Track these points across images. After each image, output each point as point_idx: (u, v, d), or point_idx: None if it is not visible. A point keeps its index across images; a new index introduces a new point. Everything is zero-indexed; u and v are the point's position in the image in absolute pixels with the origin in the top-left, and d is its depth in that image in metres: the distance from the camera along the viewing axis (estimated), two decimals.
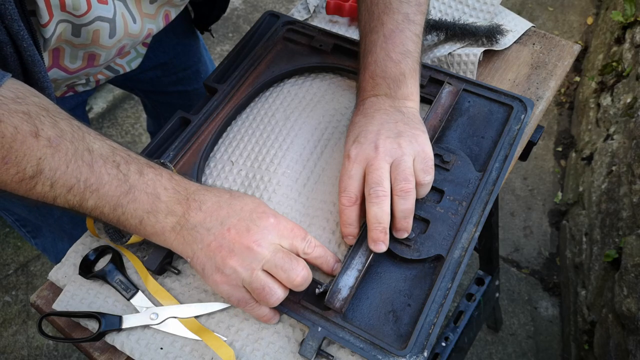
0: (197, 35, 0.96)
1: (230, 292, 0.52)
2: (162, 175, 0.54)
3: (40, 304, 0.60)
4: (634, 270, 1.18)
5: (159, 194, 0.53)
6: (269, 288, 0.51)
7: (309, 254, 0.54)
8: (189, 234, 0.52)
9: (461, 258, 0.56)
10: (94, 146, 0.51)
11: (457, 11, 0.81)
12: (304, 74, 0.76)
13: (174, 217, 0.53)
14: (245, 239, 0.51)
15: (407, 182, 0.56)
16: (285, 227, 0.53)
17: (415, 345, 0.51)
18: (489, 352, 1.53)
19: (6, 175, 0.48)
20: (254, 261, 0.51)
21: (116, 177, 0.51)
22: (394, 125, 0.60)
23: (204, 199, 0.53)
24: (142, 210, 0.52)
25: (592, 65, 2.02)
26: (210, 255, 0.52)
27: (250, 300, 0.53)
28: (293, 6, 0.89)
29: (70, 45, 0.63)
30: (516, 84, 0.75)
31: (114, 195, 0.51)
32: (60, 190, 0.50)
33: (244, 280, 0.51)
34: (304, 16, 0.84)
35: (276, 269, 0.51)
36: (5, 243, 1.76)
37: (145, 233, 0.54)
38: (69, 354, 1.55)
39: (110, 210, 0.52)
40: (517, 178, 1.90)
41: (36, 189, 0.49)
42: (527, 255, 1.72)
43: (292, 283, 0.52)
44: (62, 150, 0.49)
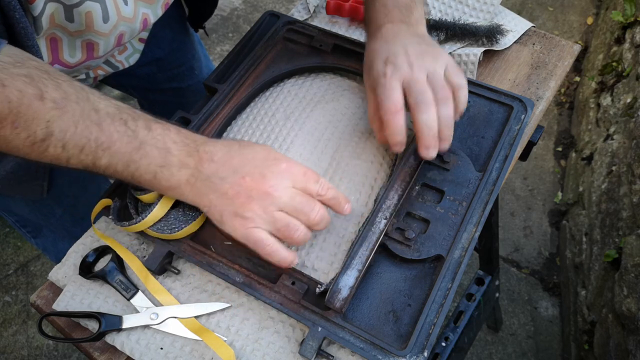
0: (191, 32, 0.96)
1: (248, 234, 0.53)
2: (169, 129, 0.55)
3: (40, 304, 0.60)
4: (634, 270, 1.18)
5: (170, 148, 0.54)
6: (292, 224, 0.53)
7: (323, 195, 0.56)
8: (204, 185, 0.54)
9: (461, 258, 0.56)
10: (99, 105, 0.52)
11: (457, 11, 0.81)
12: (304, 74, 0.76)
13: (187, 169, 0.54)
14: (262, 185, 0.53)
15: (445, 90, 0.58)
16: (299, 171, 0.55)
17: (416, 345, 0.51)
18: (489, 352, 1.53)
19: (17, 139, 0.49)
20: (272, 205, 0.53)
21: (125, 134, 0.52)
22: (418, 46, 0.61)
23: (214, 150, 0.55)
24: (154, 164, 0.53)
25: (592, 65, 2.02)
26: (228, 203, 0.53)
27: (268, 240, 0.54)
28: (293, 6, 0.89)
29: (66, 34, 0.62)
30: (516, 84, 0.75)
31: (126, 152, 0.52)
32: (73, 151, 0.51)
33: (266, 222, 0.53)
34: (304, 16, 0.84)
35: (295, 211, 0.54)
36: (5, 243, 1.76)
37: (161, 187, 0.55)
38: (69, 354, 1.55)
39: (123, 167, 0.53)
40: (517, 178, 1.90)
41: (48, 151, 0.50)
42: (527, 255, 1.72)
43: (311, 222, 0.54)
44: (69, 111, 0.49)
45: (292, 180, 0.54)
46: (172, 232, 0.57)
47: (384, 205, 0.58)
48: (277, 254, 0.54)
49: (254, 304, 0.57)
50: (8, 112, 0.47)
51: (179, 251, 0.58)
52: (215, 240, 0.59)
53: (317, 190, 0.55)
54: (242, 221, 0.53)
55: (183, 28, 0.92)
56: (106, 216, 0.63)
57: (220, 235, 0.60)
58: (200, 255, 0.58)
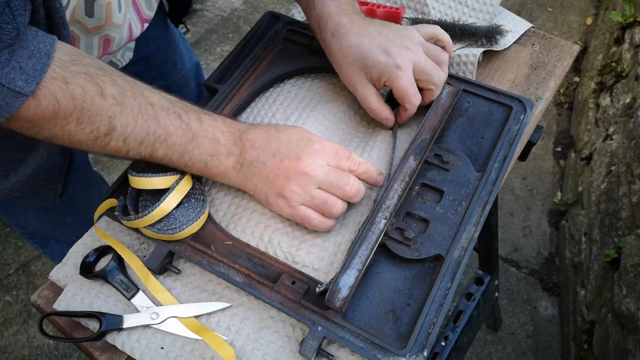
0: (172, 28, 0.96)
1: (293, 212, 0.58)
2: (217, 120, 0.59)
3: (41, 304, 0.60)
4: (633, 270, 1.18)
5: (218, 137, 0.58)
6: (330, 200, 0.57)
7: (355, 170, 0.59)
8: (248, 170, 0.58)
9: (461, 258, 0.56)
10: (153, 99, 0.55)
11: (456, 12, 0.81)
12: (304, 74, 0.76)
13: (233, 156, 0.58)
14: (298, 165, 0.57)
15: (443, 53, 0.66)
16: (331, 149, 0.59)
17: (415, 345, 0.51)
18: (488, 352, 1.53)
19: (82, 134, 0.51)
20: (310, 183, 0.57)
21: (180, 126, 0.56)
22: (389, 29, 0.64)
23: (254, 137, 0.59)
24: (206, 154, 0.57)
25: (592, 65, 2.02)
26: (270, 185, 0.58)
27: (314, 215, 0.58)
28: (293, 6, 0.89)
29: (84, 31, 0.62)
30: (515, 84, 0.75)
31: (181, 144, 0.56)
32: (133, 144, 0.54)
33: (305, 200, 0.57)
34: (304, 17, 0.85)
35: (331, 187, 0.57)
36: (6, 243, 1.76)
37: (211, 174, 0.59)
38: (70, 354, 1.55)
39: (178, 158, 0.57)
40: (517, 178, 1.90)
41: (110, 145, 0.53)
42: (527, 255, 1.72)
43: (347, 195, 0.58)
44: (128, 106, 0.53)
45: (326, 158, 0.58)
46: (173, 232, 0.57)
47: (384, 205, 0.58)
48: (323, 226, 0.59)
49: (254, 303, 0.57)
50: (73, 108, 0.49)
51: (180, 251, 0.58)
52: (216, 240, 0.60)
53: (349, 166, 0.59)
54: (285, 201, 0.58)
55: (165, 24, 0.93)
56: (107, 216, 0.63)
57: (221, 235, 0.60)
58: (201, 255, 0.58)
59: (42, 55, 0.48)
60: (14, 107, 0.47)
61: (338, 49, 0.64)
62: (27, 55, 0.47)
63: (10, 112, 0.47)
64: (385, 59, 0.62)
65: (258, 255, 0.58)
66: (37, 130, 0.51)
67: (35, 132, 0.51)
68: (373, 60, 0.62)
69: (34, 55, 0.47)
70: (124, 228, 0.63)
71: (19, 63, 0.46)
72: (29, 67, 0.47)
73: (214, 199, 0.65)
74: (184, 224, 0.58)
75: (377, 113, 0.66)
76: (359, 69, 0.64)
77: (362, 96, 0.65)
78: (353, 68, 0.64)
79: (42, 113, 0.49)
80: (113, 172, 1.89)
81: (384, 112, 0.66)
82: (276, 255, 0.60)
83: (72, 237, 0.63)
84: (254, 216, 0.62)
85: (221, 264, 0.57)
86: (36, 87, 0.47)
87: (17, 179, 0.71)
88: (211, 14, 2.43)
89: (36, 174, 0.72)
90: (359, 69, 0.64)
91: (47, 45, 0.48)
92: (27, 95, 0.47)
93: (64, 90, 0.49)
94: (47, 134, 0.51)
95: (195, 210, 0.59)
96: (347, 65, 0.64)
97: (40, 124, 0.50)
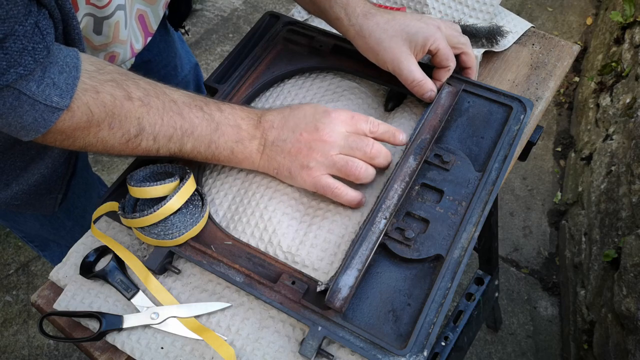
0: (171, 31, 0.97)
1: (316, 182, 0.59)
2: (235, 107, 0.61)
3: (41, 304, 0.60)
4: (633, 270, 1.18)
5: (240, 124, 0.60)
6: (351, 161, 0.59)
7: (375, 131, 0.61)
8: (271, 150, 0.61)
9: (461, 258, 0.56)
10: (174, 96, 0.57)
11: (457, 12, 0.81)
12: (304, 74, 0.76)
13: (256, 140, 0.61)
14: (317, 135, 0.59)
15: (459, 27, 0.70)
16: (346, 116, 0.61)
17: (415, 345, 0.51)
18: (488, 352, 1.53)
19: (113, 139, 0.54)
20: (332, 149, 0.59)
21: (204, 118, 0.58)
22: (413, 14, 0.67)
23: (272, 118, 0.61)
24: (231, 141, 0.60)
25: (592, 65, 2.02)
26: (293, 159, 0.60)
27: (335, 184, 0.59)
28: (293, 6, 0.89)
29: (90, 48, 0.63)
30: (515, 85, 0.75)
31: (207, 134, 0.58)
32: (163, 142, 0.56)
33: (328, 167, 0.59)
34: (304, 17, 0.85)
35: (351, 150, 0.59)
36: (6, 243, 1.76)
37: (237, 160, 0.62)
38: (70, 354, 1.55)
39: (205, 148, 0.59)
40: (517, 178, 1.90)
41: (141, 145, 0.56)
42: (527, 255, 1.72)
43: (369, 156, 0.60)
44: (153, 106, 0.55)
45: (343, 125, 0.60)
46: (171, 238, 0.57)
47: (384, 205, 0.58)
48: (345, 195, 0.60)
49: (254, 303, 0.57)
50: (105, 115, 0.51)
51: (180, 251, 0.58)
52: (216, 240, 0.60)
53: (368, 128, 0.61)
54: (309, 171, 0.59)
55: (165, 28, 0.93)
56: (107, 216, 0.63)
57: (221, 235, 0.60)
58: (201, 255, 0.58)
59: (71, 69, 0.49)
60: (50, 122, 0.49)
61: (375, 26, 0.65)
62: (58, 70, 0.48)
63: (47, 127, 0.49)
64: (424, 24, 0.64)
65: (258, 255, 0.58)
66: (72, 142, 0.53)
67: (70, 144, 0.53)
68: (415, 28, 0.64)
69: (64, 70, 0.49)
70: (123, 228, 0.63)
71: (52, 79, 0.48)
72: (62, 82, 0.48)
73: (214, 199, 0.65)
74: (181, 229, 0.58)
75: (423, 84, 0.65)
76: (402, 39, 0.64)
77: (406, 69, 0.65)
78: (396, 40, 0.64)
79: (77, 124, 0.51)
80: (113, 172, 1.89)
81: (429, 82, 0.65)
82: (276, 255, 0.60)
83: (72, 241, 0.63)
84: (254, 216, 0.62)
85: (221, 264, 0.57)
86: (70, 101, 0.49)
87: (18, 188, 0.71)
88: (211, 14, 2.43)
89: (39, 183, 0.72)
90: (403, 40, 0.64)
91: (74, 58, 0.50)
92: (62, 109, 0.49)
93: (95, 99, 0.50)
94: (81, 143, 0.53)
95: (192, 217, 0.59)
96: (390, 39, 0.64)
97: (74, 135, 0.52)
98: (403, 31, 0.64)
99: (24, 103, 0.47)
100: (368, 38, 0.65)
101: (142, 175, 0.61)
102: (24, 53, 0.45)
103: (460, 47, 0.67)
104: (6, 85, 0.45)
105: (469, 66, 0.69)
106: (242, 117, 0.61)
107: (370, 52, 0.66)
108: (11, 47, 0.44)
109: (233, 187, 0.65)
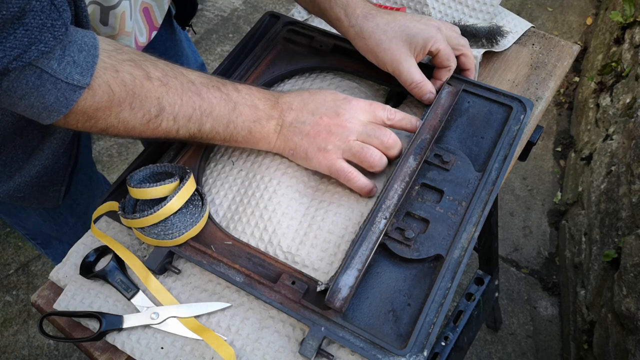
0: (178, 30, 0.97)
1: (331, 165, 0.61)
2: (251, 88, 0.62)
3: (41, 304, 0.60)
4: (633, 270, 1.18)
5: (257, 104, 0.61)
6: (367, 148, 0.60)
7: (393, 119, 0.63)
8: (288, 131, 0.61)
9: (461, 258, 0.56)
10: (192, 77, 0.58)
11: (457, 12, 0.81)
12: (304, 74, 0.76)
13: (273, 120, 0.61)
14: (338, 120, 0.60)
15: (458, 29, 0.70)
16: (365, 104, 0.62)
17: (415, 345, 0.51)
18: (488, 352, 1.53)
19: (135, 119, 0.54)
20: (350, 135, 0.60)
21: (222, 98, 0.59)
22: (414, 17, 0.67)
23: (290, 100, 0.62)
24: (248, 121, 0.60)
25: (592, 65, 2.02)
26: (311, 141, 0.61)
27: (349, 169, 0.60)
28: (293, 6, 0.89)
29: None
30: (515, 85, 0.75)
31: (225, 114, 0.59)
32: (182, 122, 0.57)
33: (344, 151, 0.60)
34: (304, 16, 0.85)
35: (369, 138, 0.61)
36: (6, 243, 1.76)
37: (254, 140, 0.62)
38: (70, 354, 1.55)
39: (223, 129, 0.59)
40: (517, 178, 1.90)
41: (162, 125, 0.56)
42: (527, 255, 1.72)
43: (384, 145, 0.61)
44: (172, 86, 0.55)
45: (363, 112, 0.61)
46: (171, 238, 0.57)
47: (384, 205, 0.58)
48: (357, 181, 0.61)
49: (254, 303, 0.57)
50: (125, 94, 0.51)
51: (180, 251, 0.58)
52: (216, 240, 0.60)
53: (386, 115, 0.62)
54: (325, 154, 0.60)
55: (171, 27, 0.93)
56: (107, 216, 0.63)
57: (221, 235, 0.60)
58: (201, 255, 0.58)
59: (89, 48, 0.49)
60: (72, 101, 0.49)
61: (375, 28, 0.65)
62: (77, 48, 0.49)
63: (69, 107, 0.49)
64: (424, 26, 0.65)
65: (258, 255, 0.58)
66: (94, 123, 0.53)
67: (92, 125, 0.53)
68: (415, 29, 0.64)
69: (83, 49, 0.49)
70: (124, 228, 0.63)
71: (72, 57, 0.48)
72: (82, 60, 0.48)
73: (214, 199, 0.65)
74: (181, 229, 0.58)
75: (422, 86, 0.65)
76: (402, 41, 0.64)
77: (406, 71, 0.65)
78: (396, 42, 0.64)
79: (99, 103, 0.51)
80: (113, 172, 1.89)
81: (428, 84, 0.66)
82: (276, 255, 0.60)
83: (74, 238, 0.64)
84: (254, 216, 0.62)
85: (221, 264, 0.57)
86: (91, 79, 0.49)
87: (21, 179, 0.71)
88: (211, 14, 2.43)
89: (41, 175, 0.72)
90: (403, 41, 0.64)
91: (91, 38, 0.50)
92: (84, 87, 0.49)
93: (116, 78, 0.51)
94: (104, 124, 0.53)
95: (192, 217, 0.59)
96: (390, 40, 0.64)
97: (96, 115, 0.52)
98: (403, 32, 0.64)
99: (46, 82, 0.47)
100: (368, 39, 0.65)
101: (142, 176, 0.61)
102: (43, 29, 0.45)
103: (460, 48, 0.67)
104: (28, 63, 0.45)
105: (468, 68, 0.69)
106: (259, 98, 0.61)
107: (370, 53, 0.66)
108: (31, 22, 0.44)
109: (233, 187, 0.65)
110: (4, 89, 0.47)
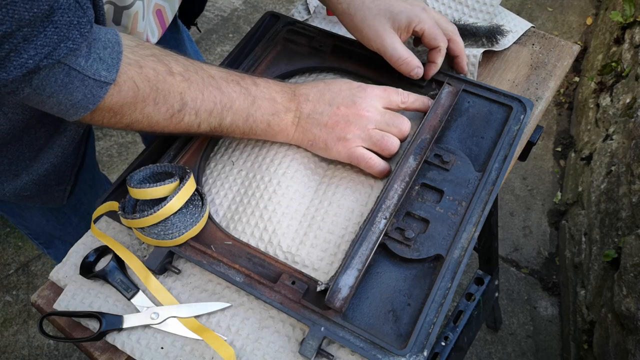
0: (181, 29, 0.97)
1: (351, 153, 0.62)
2: (268, 81, 0.63)
3: (41, 304, 0.60)
4: (633, 270, 1.18)
5: (274, 97, 0.62)
6: (387, 136, 0.62)
7: (406, 101, 0.64)
8: (306, 122, 0.62)
9: (461, 258, 0.56)
10: (212, 72, 0.59)
11: (456, 12, 0.81)
12: (304, 74, 0.76)
13: (291, 112, 0.62)
14: (355, 109, 0.61)
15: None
16: (379, 90, 0.63)
17: (415, 345, 0.51)
18: (488, 352, 1.54)
19: (158, 114, 0.55)
20: (369, 123, 0.61)
21: (241, 92, 0.60)
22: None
23: (306, 92, 0.63)
24: (267, 114, 0.61)
25: (592, 65, 2.02)
26: (330, 131, 0.62)
27: (370, 154, 0.62)
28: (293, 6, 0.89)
29: None
30: (515, 85, 0.75)
31: (244, 108, 0.60)
32: (204, 116, 0.58)
33: (364, 140, 0.61)
34: (304, 17, 0.85)
35: (387, 126, 0.62)
36: (6, 243, 1.76)
37: (273, 133, 0.63)
38: (70, 354, 1.55)
39: (243, 122, 0.60)
40: (517, 178, 1.90)
41: (184, 120, 0.57)
42: (527, 255, 1.72)
43: (402, 132, 0.63)
44: (193, 81, 0.56)
45: (379, 100, 0.62)
46: (171, 238, 0.57)
47: (384, 205, 0.58)
48: (378, 166, 0.62)
49: (254, 303, 0.57)
50: (149, 90, 0.52)
51: (180, 251, 0.58)
52: (216, 240, 0.60)
53: (400, 99, 0.64)
54: (345, 143, 0.61)
55: (175, 26, 0.93)
56: (107, 216, 0.63)
57: (221, 235, 0.60)
58: (201, 255, 0.58)
59: (113, 44, 0.50)
60: (99, 98, 0.50)
61: (361, 5, 0.66)
62: (102, 45, 0.49)
63: (96, 103, 0.50)
64: (409, 5, 0.66)
65: (258, 255, 0.58)
66: (119, 118, 0.53)
67: (117, 121, 0.54)
68: (399, 7, 0.65)
69: (107, 45, 0.50)
70: (124, 228, 0.63)
71: (98, 54, 0.49)
72: (107, 57, 0.49)
73: (214, 199, 0.65)
74: (181, 229, 0.58)
75: (409, 61, 0.66)
76: (386, 18, 0.65)
77: (390, 47, 0.65)
78: (380, 19, 0.65)
79: (124, 99, 0.52)
80: (113, 172, 1.89)
81: (415, 59, 0.66)
82: (276, 255, 0.60)
83: (77, 237, 0.64)
84: (254, 216, 0.62)
85: (221, 264, 0.57)
86: (117, 75, 0.50)
87: (28, 178, 0.71)
88: (211, 14, 2.43)
89: (49, 173, 0.72)
90: (386, 19, 0.65)
91: (114, 34, 0.51)
92: (110, 83, 0.50)
93: (140, 73, 0.51)
94: (128, 120, 0.54)
95: (192, 217, 0.59)
96: (374, 17, 0.65)
97: (122, 111, 0.53)
98: (387, 10, 0.65)
99: (74, 79, 0.48)
100: (354, 16, 0.66)
101: (142, 176, 0.61)
102: (71, 27, 0.46)
103: (448, 33, 0.68)
104: (58, 61, 0.46)
105: (458, 54, 0.69)
106: (276, 91, 0.62)
107: (355, 30, 0.67)
108: (60, 20, 0.45)
109: (233, 187, 0.65)
110: (33, 87, 0.47)
